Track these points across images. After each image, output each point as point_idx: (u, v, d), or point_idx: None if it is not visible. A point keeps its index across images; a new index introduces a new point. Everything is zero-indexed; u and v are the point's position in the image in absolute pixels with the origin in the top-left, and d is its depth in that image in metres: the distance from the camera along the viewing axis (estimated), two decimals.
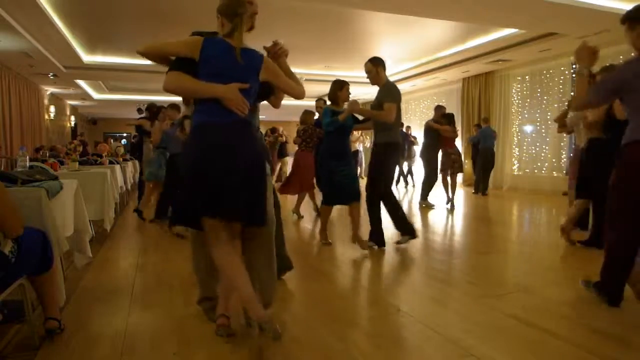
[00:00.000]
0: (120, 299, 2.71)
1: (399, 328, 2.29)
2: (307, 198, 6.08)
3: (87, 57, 8.98)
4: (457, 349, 2.01)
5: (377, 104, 3.83)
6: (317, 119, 5.79)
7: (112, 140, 13.41)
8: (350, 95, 4.10)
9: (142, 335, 2.17)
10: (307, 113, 6.00)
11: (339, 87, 4.04)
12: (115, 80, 11.45)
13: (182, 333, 2.19)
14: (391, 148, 3.90)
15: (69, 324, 2.22)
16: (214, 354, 1.97)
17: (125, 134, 20.81)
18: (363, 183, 3.92)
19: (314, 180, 5.58)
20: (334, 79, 4.20)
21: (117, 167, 6.16)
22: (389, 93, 3.80)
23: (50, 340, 2.07)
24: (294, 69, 2.22)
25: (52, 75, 9.85)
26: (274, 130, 10.39)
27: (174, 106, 5.50)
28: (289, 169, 9.50)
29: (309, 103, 6.48)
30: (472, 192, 9.20)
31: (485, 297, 2.71)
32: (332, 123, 3.92)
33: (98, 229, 4.65)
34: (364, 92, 11.56)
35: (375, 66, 3.87)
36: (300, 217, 5.92)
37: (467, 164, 10.44)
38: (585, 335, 2.17)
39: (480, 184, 9.05)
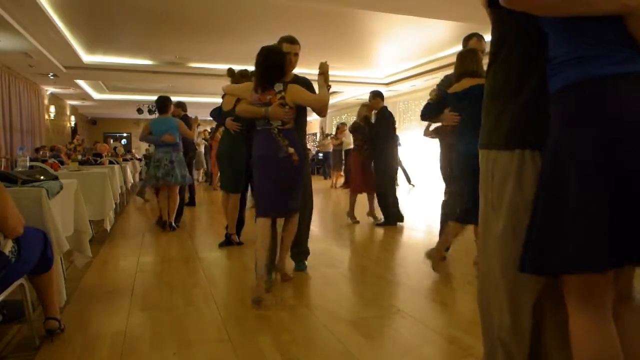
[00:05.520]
0: (120, 299, 2.71)
1: (399, 328, 2.29)
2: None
3: (87, 57, 8.96)
4: (457, 349, 2.01)
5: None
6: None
7: (112, 140, 13.42)
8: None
9: (142, 335, 2.17)
10: (366, 107, 5.43)
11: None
12: (115, 80, 11.43)
13: (182, 333, 2.19)
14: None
15: (69, 324, 2.22)
16: (214, 354, 1.97)
17: (125, 134, 20.83)
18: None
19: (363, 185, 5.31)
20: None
21: (117, 167, 6.16)
22: None
23: (50, 340, 2.07)
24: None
25: (52, 75, 9.83)
26: None
27: (178, 104, 5.75)
28: None
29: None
30: None
31: None
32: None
33: (98, 229, 4.65)
34: (362, 92, 11.52)
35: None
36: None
37: None
38: None
39: None
